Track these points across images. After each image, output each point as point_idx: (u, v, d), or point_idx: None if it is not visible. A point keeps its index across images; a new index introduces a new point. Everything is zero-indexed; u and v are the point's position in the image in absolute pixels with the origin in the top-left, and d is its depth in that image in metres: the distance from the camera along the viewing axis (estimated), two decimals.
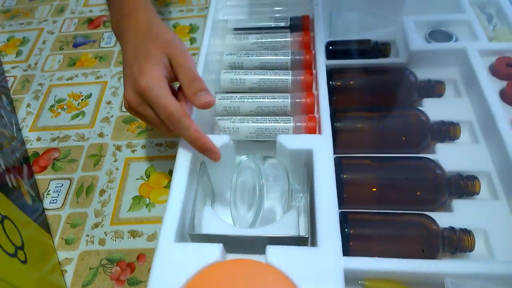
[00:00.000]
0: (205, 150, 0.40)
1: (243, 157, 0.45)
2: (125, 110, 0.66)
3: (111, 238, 0.50)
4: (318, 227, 0.35)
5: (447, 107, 0.47)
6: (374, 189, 0.39)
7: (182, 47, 0.44)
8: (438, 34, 0.53)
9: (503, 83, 0.46)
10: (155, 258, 0.35)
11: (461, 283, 0.31)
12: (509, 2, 0.53)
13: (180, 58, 0.42)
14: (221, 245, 0.35)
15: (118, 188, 0.56)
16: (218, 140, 0.43)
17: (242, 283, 0.32)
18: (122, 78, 0.45)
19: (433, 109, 0.46)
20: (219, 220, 0.41)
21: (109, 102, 0.68)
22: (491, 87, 0.44)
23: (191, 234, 0.37)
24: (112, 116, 0.66)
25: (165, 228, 0.36)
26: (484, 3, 0.55)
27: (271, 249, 0.34)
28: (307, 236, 0.36)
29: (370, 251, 0.35)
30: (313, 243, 0.36)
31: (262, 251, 0.35)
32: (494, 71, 0.47)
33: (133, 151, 0.60)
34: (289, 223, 0.39)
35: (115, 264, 0.48)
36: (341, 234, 0.35)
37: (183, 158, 0.42)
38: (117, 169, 0.58)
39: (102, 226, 0.52)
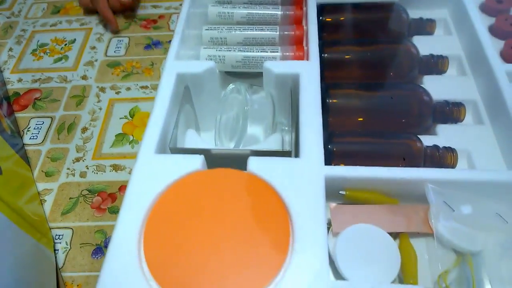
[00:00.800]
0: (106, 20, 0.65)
1: (230, 85, 0.44)
2: (109, 55, 0.64)
3: (93, 171, 0.49)
4: (301, 141, 0.35)
5: (437, 44, 0.46)
6: (360, 113, 0.38)
7: None
8: None
9: (492, 20, 0.46)
10: (134, 169, 0.34)
11: (442, 190, 0.31)
12: None
13: None
14: (202, 156, 0.34)
15: (101, 126, 0.55)
16: (202, 65, 0.42)
17: (222, 189, 0.32)
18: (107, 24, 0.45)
19: (423, 46, 0.46)
20: (201, 141, 0.40)
21: (94, 48, 0.66)
22: (480, 22, 0.44)
23: (172, 148, 0.36)
24: (96, 60, 0.64)
25: (146, 140, 0.35)
26: None
27: (253, 160, 0.34)
28: (290, 150, 0.35)
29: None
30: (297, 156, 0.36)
31: (245, 169, 0.34)
32: (484, 7, 0.46)
33: (117, 93, 0.59)
34: (273, 143, 0.38)
35: (96, 195, 0.47)
36: (325, 152, 0.34)
37: (167, 80, 0.41)
38: (100, 109, 0.57)
39: (83, 161, 0.51)
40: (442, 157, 0.35)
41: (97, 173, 0.49)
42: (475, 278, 0.28)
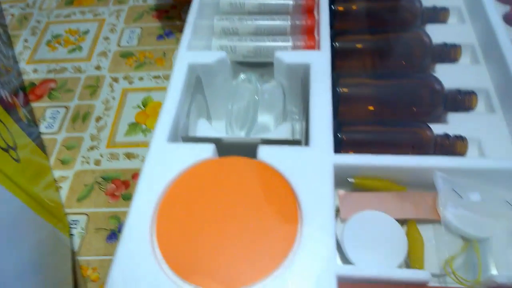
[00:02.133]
0: None
1: (241, 75, 0.45)
2: (122, 45, 0.65)
3: (107, 159, 0.51)
4: (310, 130, 0.35)
5: (450, 33, 0.46)
6: (370, 102, 0.38)
7: None
8: None
9: (507, 8, 0.45)
10: (147, 157, 0.35)
11: (451, 178, 0.31)
12: None
13: None
14: (213, 145, 0.35)
15: (114, 115, 0.56)
16: (213, 55, 0.42)
17: (232, 177, 0.32)
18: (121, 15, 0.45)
19: (436, 35, 0.45)
20: (213, 130, 0.41)
21: (107, 38, 0.67)
22: (494, 10, 0.43)
23: (184, 137, 0.37)
24: (109, 50, 0.65)
25: (158, 129, 0.36)
26: None
27: (263, 148, 0.34)
28: (300, 139, 0.35)
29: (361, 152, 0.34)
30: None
31: (255, 157, 0.34)
32: None
33: (130, 83, 0.60)
34: (283, 132, 0.39)
35: (110, 182, 0.48)
36: (334, 140, 0.35)
37: (179, 70, 0.41)
38: (113, 98, 0.58)
39: (98, 149, 0.52)
40: (452, 145, 0.35)
41: (111, 161, 0.50)
42: (481, 264, 0.28)
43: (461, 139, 0.35)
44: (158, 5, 0.71)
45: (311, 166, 0.33)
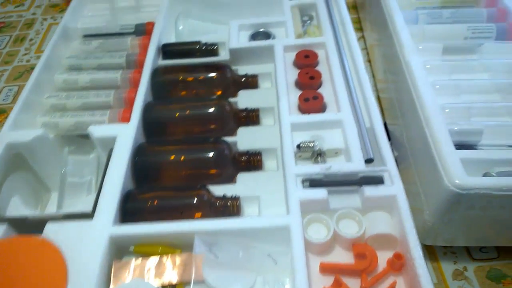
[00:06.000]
0: None
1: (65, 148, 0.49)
2: None
3: None
4: (99, 202, 0.38)
5: (258, 97, 0.52)
6: (163, 169, 0.43)
7: None
8: (259, 34, 0.58)
9: (297, 71, 0.52)
10: None
11: (209, 239, 0.35)
12: (324, 4, 0.60)
13: None
14: (5, 224, 0.37)
15: None
16: (32, 133, 0.46)
17: (7, 257, 0.35)
18: None
19: (247, 99, 0.51)
20: (23, 207, 0.43)
21: None
22: (284, 75, 0.50)
23: None
24: None
25: None
26: (305, 5, 0.62)
27: (49, 226, 0.37)
28: (90, 212, 0.39)
29: (146, 220, 0.38)
30: None
31: None
32: (295, 62, 0.53)
33: None
34: (88, 204, 0.42)
35: None
36: (121, 210, 0.38)
37: None
38: None
39: None
40: (225, 206, 0.39)
41: None
42: None
43: (233, 199, 0.40)
44: None
45: (90, 240, 0.36)
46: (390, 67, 0.55)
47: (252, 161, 0.44)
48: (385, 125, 0.56)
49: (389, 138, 0.49)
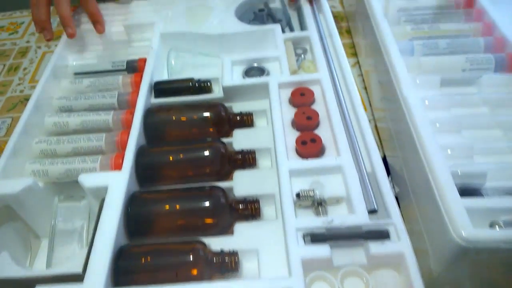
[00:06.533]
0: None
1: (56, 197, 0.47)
2: None
3: None
4: (89, 262, 0.37)
5: (254, 136, 0.50)
6: (158, 218, 0.41)
7: None
8: (253, 70, 0.57)
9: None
10: None
11: None
12: (318, 39, 0.59)
13: None
14: None
15: None
16: (20, 183, 0.44)
17: None
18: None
19: (242, 140, 0.50)
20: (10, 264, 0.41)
21: None
22: (279, 115, 0.49)
23: None
24: None
25: None
26: (298, 39, 0.61)
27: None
28: (80, 273, 0.37)
29: (140, 281, 0.36)
30: None
31: None
32: (291, 100, 0.52)
33: None
34: (78, 262, 0.40)
35: None
36: (114, 267, 0.36)
37: None
38: None
39: None
40: (223, 262, 0.37)
41: None
42: None
43: (232, 254, 0.38)
44: None
45: None
46: (386, 95, 0.53)
47: (250, 209, 0.42)
48: (384, 158, 0.54)
49: (389, 173, 0.48)
